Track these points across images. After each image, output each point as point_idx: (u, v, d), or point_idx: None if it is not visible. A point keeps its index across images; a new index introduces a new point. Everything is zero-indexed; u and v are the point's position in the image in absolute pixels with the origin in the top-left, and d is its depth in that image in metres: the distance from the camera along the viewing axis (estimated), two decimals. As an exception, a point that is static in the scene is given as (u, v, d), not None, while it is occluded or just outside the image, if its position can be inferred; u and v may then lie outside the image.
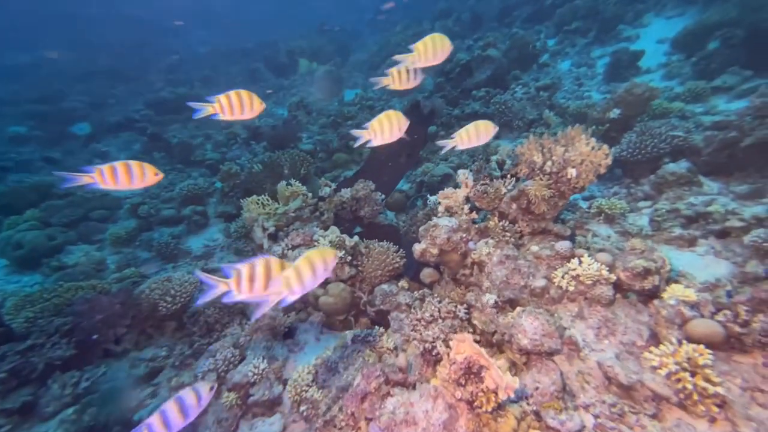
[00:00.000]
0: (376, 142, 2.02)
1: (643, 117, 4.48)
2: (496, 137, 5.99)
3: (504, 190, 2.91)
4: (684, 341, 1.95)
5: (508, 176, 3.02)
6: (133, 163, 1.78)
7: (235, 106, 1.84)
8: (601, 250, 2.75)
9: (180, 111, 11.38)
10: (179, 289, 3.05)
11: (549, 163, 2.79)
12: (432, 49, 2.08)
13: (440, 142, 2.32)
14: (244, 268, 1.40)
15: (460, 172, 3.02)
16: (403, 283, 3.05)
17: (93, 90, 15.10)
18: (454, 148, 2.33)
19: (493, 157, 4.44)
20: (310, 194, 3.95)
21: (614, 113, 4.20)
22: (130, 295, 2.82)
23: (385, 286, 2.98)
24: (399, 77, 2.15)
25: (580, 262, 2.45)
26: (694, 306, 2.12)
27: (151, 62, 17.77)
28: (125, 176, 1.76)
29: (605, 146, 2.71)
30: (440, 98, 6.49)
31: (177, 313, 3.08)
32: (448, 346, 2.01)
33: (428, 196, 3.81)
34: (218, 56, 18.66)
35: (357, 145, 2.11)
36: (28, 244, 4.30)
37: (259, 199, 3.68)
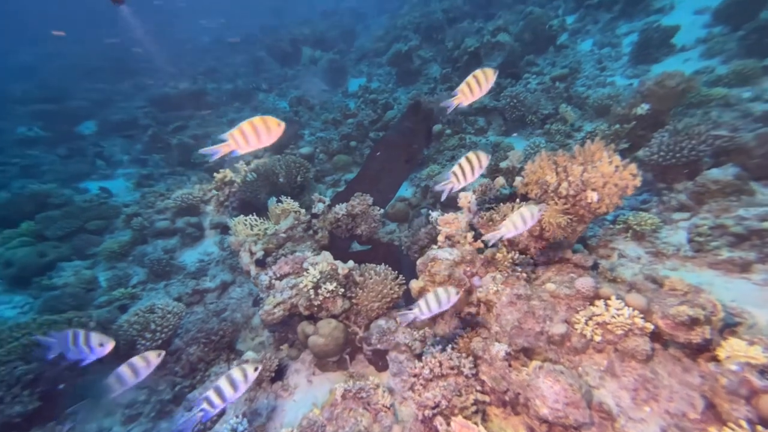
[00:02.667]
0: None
1: (677, 110, 3.92)
2: (506, 134, 5.51)
3: (514, 216, 2.51)
4: (759, 426, 1.56)
5: (517, 200, 2.61)
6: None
7: (251, 136, 1.73)
8: (631, 288, 2.35)
9: (182, 107, 11.16)
10: (161, 323, 2.81)
11: (565, 184, 2.37)
12: (477, 86, 2.08)
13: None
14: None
15: (462, 195, 2.62)
16: (402, 318, 2.72)
17: (98, 86, 14.98)
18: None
19: (503, 163, 4.00)
20: (302, 210, 3.63)
21: (642, 109, 3.66)
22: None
23: (382, 322, 2.66)
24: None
25: (607, 307, 2.07)
26: (764, 371, 1.71)
27: (156, 53, 17.48)
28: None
29: (632, 166, 2.27)
30: (446, 91, 5.98)
31: (161, 347, 2.86)
32: (449, 425, 1.69)
33: (430, 212, 3.43)
34: (223, 46, 18.25)
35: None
36: (18, 262, 4.16)
37: (247, 221, 3.38)
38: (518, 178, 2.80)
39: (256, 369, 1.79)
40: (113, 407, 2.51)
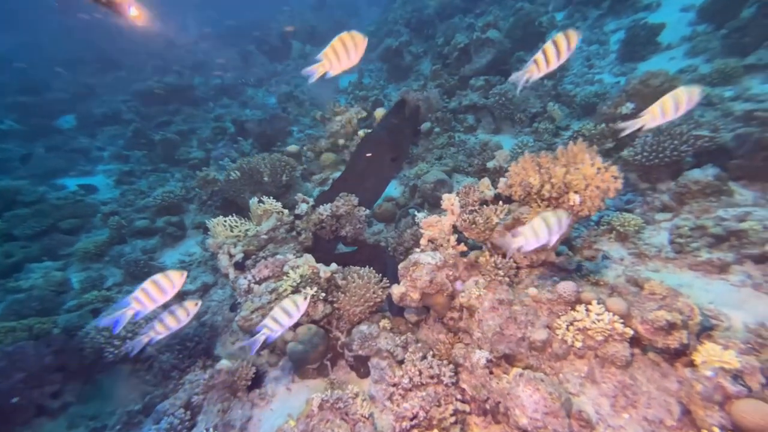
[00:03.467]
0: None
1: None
2: (496, 132, 5.45)
3: (496, 220, 2.47)
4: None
5: (500, 203, 2.57)
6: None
7: (341, 54, 1.72)
8: (613, 292, 2.33)
9: (168, 102, 10.88)
10: (131, 328, 2.71)
11: (547, 186, 2.33)
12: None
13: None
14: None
15: (445, 196, 2.57)
16: (384, 323, 2.67)
17: (80, 79, 14.51)
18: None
19: (489, 163, 3.97)
20: (285, 211, 3.53)
21: (627, 108, 3.64)
22: (68, 342, 2.49)
23: (364, 327, 2.60)
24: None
25: (588, 312, 2.04)
26: (737, 376, 1.70)
27: (143, 47, 17.01)
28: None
29: (613, 168, 2.24)
30: (436, 88, 5.90)
31: (131, 357, 2.76)
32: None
33: (415, 213, 3.38)
34: (211, 39, 17.83)
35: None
36: (-17, 265, 4.00)
37: (226, 221, 3.28)
38: (502, 180, 2.75)
39: (305, 298, 1.90)
40: (77, 419, 2.41)
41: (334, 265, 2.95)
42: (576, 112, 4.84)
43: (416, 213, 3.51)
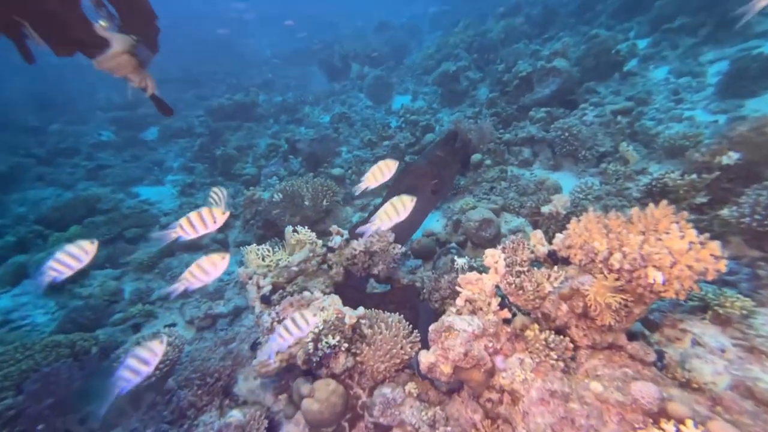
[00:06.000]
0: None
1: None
2: (555, 168, 4.90)
3: (549, 288, 2.07)
4: None
5: (555, 266, 2.17)
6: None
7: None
8: (715, 404, 1.79)
9: (234, 117, 11.72)
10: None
11: (618, 255, 1.90)
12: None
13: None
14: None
15: (488, 252, 2.23)
16: (411, 386, 2.36)
17: (167, 95, 16.25)
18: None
19: (545, 207, 3.52)
20: (319, 242, 3.41)
21: (730, 158, 3.00)
22: (100, 364, 2.53)
23: (387, 390, 2.32)
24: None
25: (677, 434, 1.56)
26: None
27: (221, 66, 18.75)
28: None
29: (713, 245, 1.75)
30: (491, 118, 5.55)
31: (157, 384, 2.74)
32: None
33: (455, 257, 3.05)
34: (281, 58, 19.16)
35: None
36: (57, 267, 4.36)
37: (259, 250, 3.22)
38: (559, 235, 2.34)
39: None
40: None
41: (361, 309, 2.72)
42: (656, 155, 4.18)
43: (456, 258, 3.20)
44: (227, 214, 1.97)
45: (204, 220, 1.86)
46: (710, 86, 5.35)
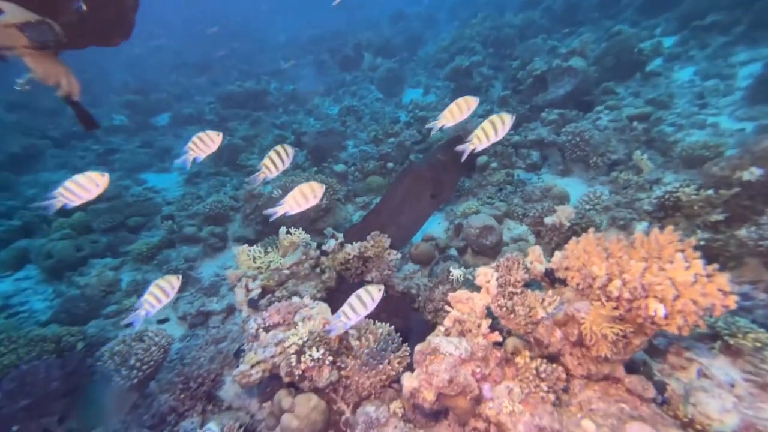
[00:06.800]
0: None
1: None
2: (564, 174, 4.67)
3: (542, 314, 1.94)
4: None
5: (551, 289, 2.03)
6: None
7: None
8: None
9: (244, 105, 11.66)
10: (143, 356, 2.67)
11: (617, 283, 1.75)
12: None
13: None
14: None
15: (480, 270, 2.11)
16: (396, 405, 2.28)
17: (180, 80, 16.32)
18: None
19: (548, 219, 3.35)
20: (313, 245, 3.33)
21: (752, 174, 2.77)
22: (83, 363, 2.52)
23: (371, 409, 2.24)
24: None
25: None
26: None
27: (232, 52, 18.65)
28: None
29: (722, 278, 1.60)
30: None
31: (141, 383, 2.73)
32: None
33: (451, 268, 2.92)
34: (294, 46, 18.93)
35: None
36: (57, 254, 4.41)
37: (251, 251, 3.15)
38: (557, 254, 2.20)
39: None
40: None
41: (350, 320, 2.64)
42: (672, 164, 3.94)
43: (451, 269, 3.08)
44: (323, 187, 2.14)
45: (306, 196, 2.05)
46: (740, 90, 5.00)
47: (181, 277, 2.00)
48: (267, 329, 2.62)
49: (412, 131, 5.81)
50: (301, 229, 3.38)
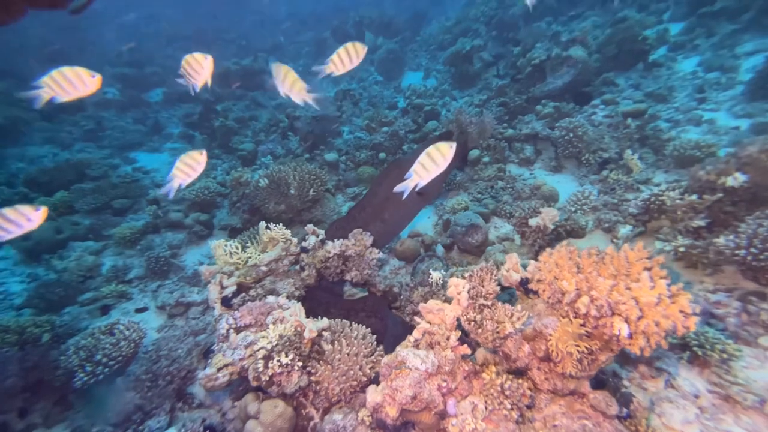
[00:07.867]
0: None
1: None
2: (556, 170, 4.54)
3: (509, 329, 1.89)
4: None
5: (524, 301, 1.98)
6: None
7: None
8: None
9: (240, 84, 11.33)
10: (111, 351, 2.64)
11: (585, 299, 1.71)
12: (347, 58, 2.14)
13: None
14: None
15: (452, 281, 2.05)
16: (365, 413, 2.26)
17: (177, 54, 15.77)
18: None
19: (532, 220, 3.27)
20: (294, 241, 3.26)
21: (736, 180, 2.68)
22: (45, 357, 2.48)
23: (338, 417, 2.23)
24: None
25: None
26: None
27: (232, 25, 18.01)
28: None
29: (684, 300, 1.57)
30: (497, 108, 5.15)
31: (108, 378, 2.71)
32: None
33: (431, 270, 2.87)
34: (296, 21, 18.26)
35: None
36: (36, 236, 4.33)
37: (227, 246, 3.09)
38: (532, 263, 2.15)
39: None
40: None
41: (325, 321, 2.60)
42: (665, 163, 3.81)
43: (432, 271, 3.03)
44: (204, 153, 2.14)
45: (348, 57, 2.08)
46: (741, 84, 4.79)
47: (205, 152, 2.05)
48: (238, 330, 2.59)
49: (407, 120, 5.63)
50: (281, 224, 3.30)
